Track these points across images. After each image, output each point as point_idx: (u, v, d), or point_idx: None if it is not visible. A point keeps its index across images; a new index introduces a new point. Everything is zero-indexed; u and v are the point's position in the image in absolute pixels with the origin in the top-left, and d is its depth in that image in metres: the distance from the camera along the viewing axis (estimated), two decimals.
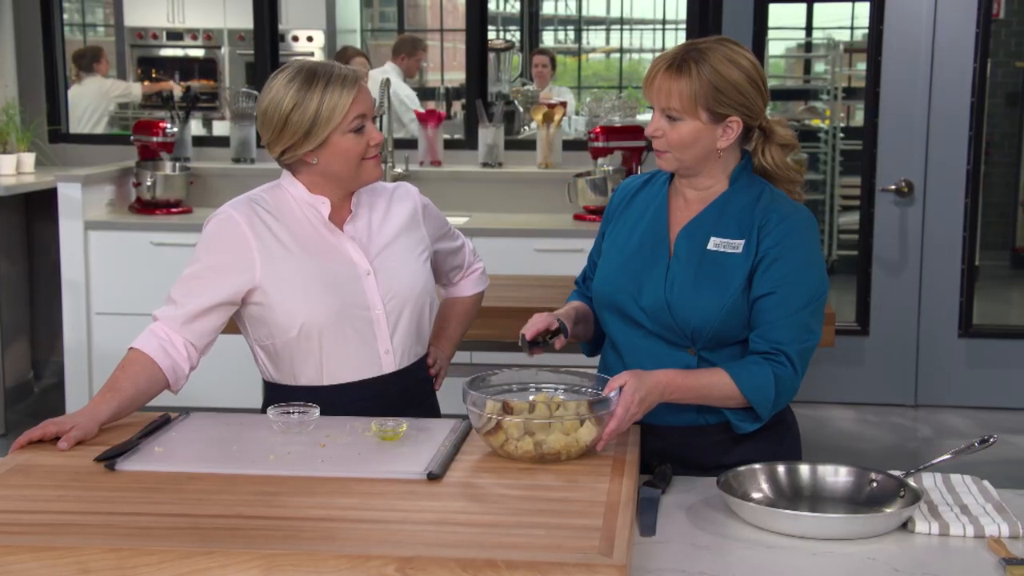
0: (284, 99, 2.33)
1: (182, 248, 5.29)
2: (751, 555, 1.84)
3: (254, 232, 2.38)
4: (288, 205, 2.43)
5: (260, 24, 5.99)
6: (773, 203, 2.26)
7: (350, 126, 2.33)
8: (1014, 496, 2.11)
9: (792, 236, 2.23)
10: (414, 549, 1.69)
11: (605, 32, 11.04)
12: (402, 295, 2.44)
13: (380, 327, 2.42)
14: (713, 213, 2.28)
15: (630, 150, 5.39)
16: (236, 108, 5.88)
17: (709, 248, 2.25)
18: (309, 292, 2.36)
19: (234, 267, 2.37)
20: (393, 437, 2.17)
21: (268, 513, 1.84)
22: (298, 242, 2.40)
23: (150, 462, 2.06)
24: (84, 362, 5.37)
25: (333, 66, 2.36)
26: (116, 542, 1.72)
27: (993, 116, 7.63)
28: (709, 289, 2.23)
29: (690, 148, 2.23)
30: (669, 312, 2.24)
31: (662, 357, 2.27)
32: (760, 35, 5.71)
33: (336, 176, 2.40)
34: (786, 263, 2.22)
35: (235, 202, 2.44)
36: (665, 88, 2.21)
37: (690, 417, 2.29)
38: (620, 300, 2.32)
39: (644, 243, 2.33)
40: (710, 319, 2.22)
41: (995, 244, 8.54)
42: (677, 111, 2.21)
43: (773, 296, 2.21)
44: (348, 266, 2.41)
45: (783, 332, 2.20)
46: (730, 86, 2.20)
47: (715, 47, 2.23)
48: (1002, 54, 8.41)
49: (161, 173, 5.57)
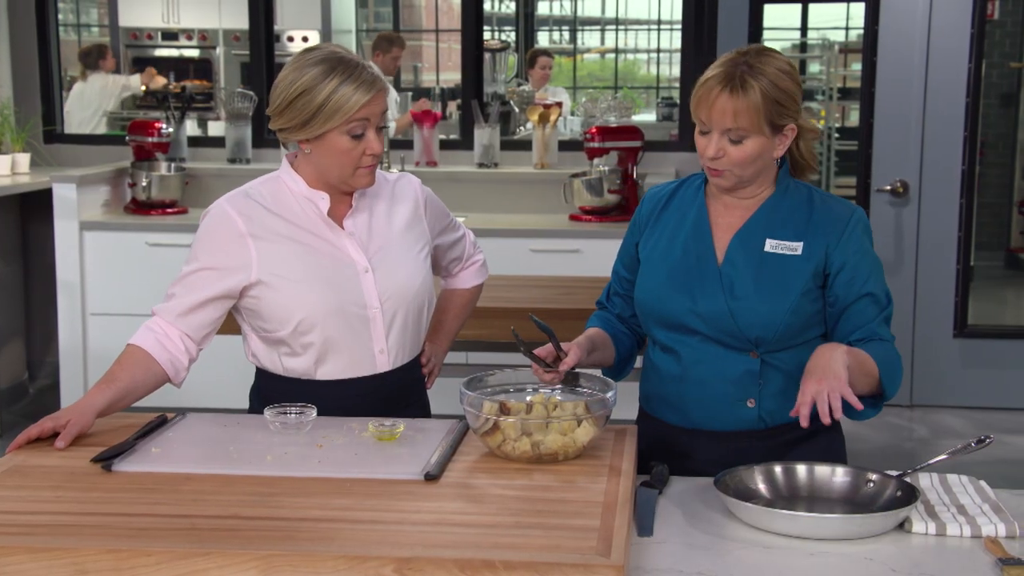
0: (298, 80, 2.28)
1: (178, 249, 5.28)
2: (748, 555, 1.84)
3: (249, 227, 2.36)
4: (286, 199, 2.40)
5: (256, 24, 5.99)
6: (828, 206, 2.29)
7: (349, 129, 2.29)
8: (1010, 496, 2.11)
9: (864, 236, 2.28)
10: (412, 550, 1.69)
11: (600, 32, 11.05)
12: (399, 294, 2.42)
13: (376, 326, 2.40)
14: (764, 216, 2.28)
15: (626, 150, 5.40)
16: (232, 108, 5.87)
17: (767, 251, 2.25)
18: (307, 288, 2.35)
19: (230, 263, 2.36)
20: (390, 438, 2.16)
21: (265, 514, 1.84)
22: (295, 237, 2.37)
23: (147, 463, 2.06)
24: (79, 363, 5.36)
25: (359, 65, 2.30)
26: (113, 543, 1.72)
27: (987, 117, 7.64)
28: (771, 292, 2.23)
29: (753, 164, 2.22)
30: (732, 319, 2.23)
31: (723, 361, 2.26)
32: (756, 35, 5.72)
33: (324, 173, 2.36)
34: (868, 264, 2.27)
35: (230, 196, 2.41)
36: (730, 109, 2.17)
37: (750, 419, 2.28)
38: (672, 310, 2.29)
39: (688, 251, 2.31)
40: (775, 322, 2.22)
41: (989, 245, 8.55)
42: (745, 130, 2.18)
43: (869, 297, 2.25)
44: (346, 263, 2.39)
45: (882, 329, 2.26)
46: (787, 96, 2.20)
47: (763, 59, 2.20)
48: (996, 55, 8.42)
49: (156, 174, 5.56)
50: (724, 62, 2.20)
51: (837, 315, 2.27)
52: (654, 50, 10.71)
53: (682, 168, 5.72)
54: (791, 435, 2.28)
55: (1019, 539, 1.90)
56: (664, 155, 5.74)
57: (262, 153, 5.97)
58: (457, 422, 2.28)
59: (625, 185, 5.37)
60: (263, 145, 5.99)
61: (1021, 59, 8.50)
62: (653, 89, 10.53)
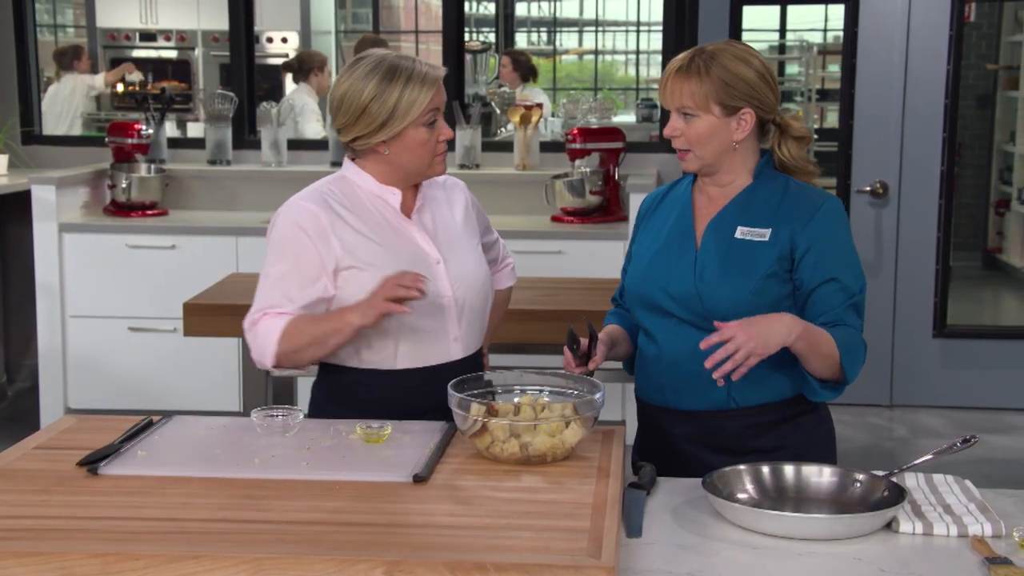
0: (364, 89, 2.38)
1: (158, 251, 5.27)
2: (737, 556, 1.85)
3: (331, 221, 2.41)
4: (357, 196, 2.47)
5: (236, 25, 5.96)
6: (803, 193, 2.37)
7: (424, 120, 2.40)
8: (995, 495, 2.13)
9: (834, 223, 2.34)
10: (401, 552, 1.69)
11: (578, 34, 11.05)
12: (468, 284, 2.50)
13: (450, 314, 2.47)
14: (738, 205, 2.38)
15: (608, 152, 5.40)
16: (212, 110, 5.84)
17: (736, 237, 2.35)
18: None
19: (318, 258, 2.39)
20: (378, 440, 2.16)
21: (254, 517, 1.84)
22: (371, 232, 2.44)
23: (134, 466, 2.05)
24: (58, 365, 5.33)
25: (414, 62, 2.42)
26: (101, 547, 1.71)
27: (964, 118, 7.69)
28: (735, 275, 2.31)
29: (708, 143, 2.33)
30: (699, 299, 2.32)
31: (694, 342, 2.29)
32: (736, 37, 5.72)
33: (404, 167, 2.45)
34: (836, 250, 2.33)
35: (304, 194, 2.47)
36: (678, 89, 2.32)
37: (720, 399, 2.35)
38: (650, 293, 2.40)
39: (671, 239, 2.42)
40: (737, 303, 2.29)
41: (967, 245, 8.60)
42: (691, 108, 2.32)
43: (834, 283, 2.31)
44: (420, 255, 2.46)
45: (849, 316, 2.32)
46: (739, 80, 2.31)
47: (723, 47, 2.35)
48: (972, 56, 8.48)
49: (136, 175, 5.53)
50: (690, 50, 2.37)
51: (804, 299, 2.34)
52: (633, 51, 10.73)
53: (664, 169, 5.72)
54: (765, 417, 2.36)
55: (1005, 538, 1.91)
56: (646, 156, 5.75)
57: (242, 154, 5.95)
58: (444, 423, 2.28)
59: (607, 186, 5.37)
60: (243, 146, 5.96)
61: (997, 61, 8.55)
62: (631, 90, 10.55)
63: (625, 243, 5.08)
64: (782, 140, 2.41)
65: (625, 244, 5.07)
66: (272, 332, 2.37)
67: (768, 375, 2.31)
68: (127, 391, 5.32)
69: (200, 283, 4.51)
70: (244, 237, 5.24)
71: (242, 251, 5.22)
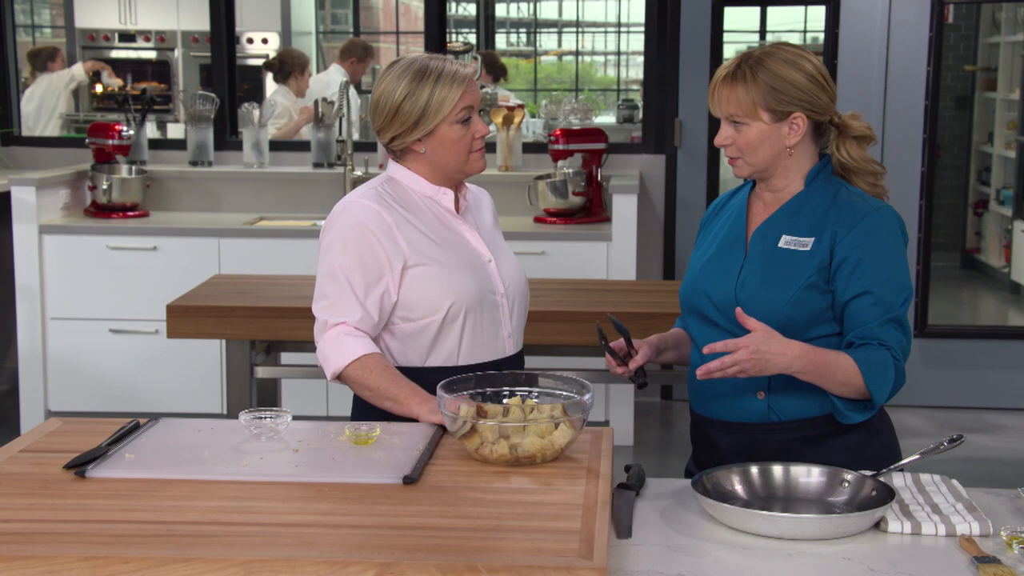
0: (396, 89, 2.44)
1: (139, 252, 5.24)
2: (728, 556, 1.85)
3: (395, 220, 2.45)
4: (410, 197, 2.51)
5: (217, 26, 5.94)
6: (851, 201, 2.30)
7: (457, 117, 2.44)
8: (982, 494, 2.14)
9: (873, 234, 2.25)
10: (393, 555, 1.68)
11: (557, 35, 11.06)
12: (515, 283, 2.58)
13: (504, 311, 2.54)
14: (787, 213, 2.33)
15: (590, 153, 5.41)
16: (193, 111, 5.82)
17: (779, 246, 2.31)
18: (455, 274, 2.46)
19: (384, 254, 2.42)
20: (367, 441, 2.16)
21: (244, 519, 1.83)
22: (430, 230, 2.48)
23: (121, 469, 2.04)
24: (39, 368, 5.29)
25: (445, 60, 2.47)
26: (90, 550, 1.70)
27: (942, 119, 7.73)
28: (774, 284, 2.28)
29: (758, 150, 2.30)
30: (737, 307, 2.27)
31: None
32: (717, 38, 5.74)
33: (442, 165, 2.49)
34: (875, 261, 2.24)
35: (363, 193, 2.49)
36: (725, 97, 2.29)
37: (759, 411, 2.32)
38: (696, 300, 2.39)
39: (723, 246, 2.39)
40: (774, 312, 2.25)
41: (946, 246, 8.65)
42: (739, 116, 2.28)
43: (868, 296, 2.23)
44: (474, 254, 2.53)
45: (884, 332, 2.23)
46: (787, 84, 2.27)
47: (771, 51, 2.30)
48: (951, 58, 8.53)
49: (117, 176, 5.51)
50: (737, 56, 2.32)
51: (839, 311, 2.28)
52: (613, 52, 10.74)
53: (646, 170, 5.73)
54: (806, 433, 2.31)
55: (993, 537, 1.92)
56: (628, 157, 5.76)
57: (224, 156, 5.93)
58: (432, 425, 2.27)
59: (590, 187, 5.38)
60: (225, 147, 5.95)
61: (975, 62, 8.60)
62: (611, 91, 10.56)
63: (608, 244, 5.10)
64: (840, 141, 2.33)
65: (608, 245, 5.11)
66: (348, 354, 2.39)
67: (812, 390, 2.25)
68: (108, 393, 5.30)
69: (182, 285, 4.51)
70: (226, 238, 5.22)
71: (224, 252, 5.20)
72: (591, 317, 3.70)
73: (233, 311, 3.70)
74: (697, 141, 5.76)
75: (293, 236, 5.23)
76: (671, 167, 5.76)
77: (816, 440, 2.31)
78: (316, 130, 5.78)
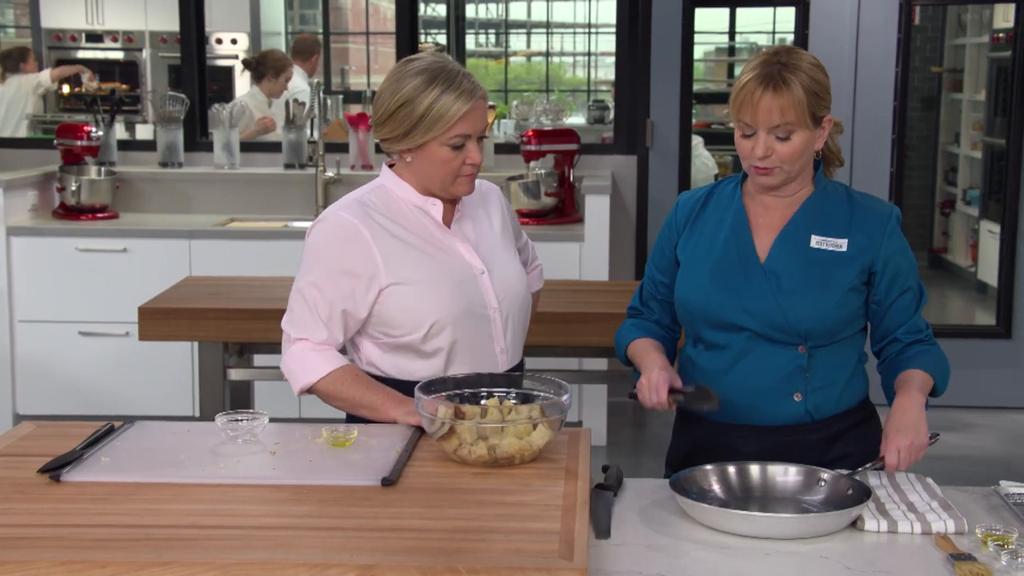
0: (400, 91, 2.32)
1: (108, 254, 5.20)
2: (706, 556, 1.86)
3: (373, 233, 2.36)
4: (398, 206, 2.42)
5: (187, 27, 5.91)
6: (867, 202, 2.35)
7: (450, 140, 2.32)
8: (956, 492, 2.16)
9: (896, 235, 2.33)
10: (373, 556, 1.68)
11: (527, 36, 11.07)
12: (512, 295, 2.46)
13: (496, 326, 2.44)
14: (806, 214, 2.32)
15: (562, 153, 5.41)
16: (162, 111, 5.79)
17: (813, 246, 2.30)
18: (436, 291, 2.36)
19: (358, 270, 2.35)
20: (344, 443, 2.15)
21: (222, 522, 1.82)
22: (415, 243, 2.39)
23: (97, 472, 2.02)
24: (7, 370, 5.25)
25: (459, 73, 2.33)
26: (66, 554, 1.69)
27: (910, 120, 7.78)
28: (819, 287, 2.28)
29: (800, 158, 2.26)
30: (782, 314, 2.26)
31: (771, 356, 2.29)
32: (688, 39, 5.76)
33: (426, 180, 2.39)
34: (905, 260, 2.34)
35: (343, 205, 2.41)
36: (776, 106, 2.20)
37: (797, 413, 2.31)
38: (718, 309, 2.31)
39: (729, 250, 2.33)
40: (824, 316, 2.26)
41: (913, 245, 8.61)
42: (792, 124, 2.21)
43: (909, 293, 2.34)
44: (464, 266, 2.42)
45: (920, 319, 2.37)
46: (823, 88, 2.26)
47: (795, 55, 2.25)
48: (918, 59, 8.58)
49: (86, 178, 5.47)
50: (758, 64, 2.24)
51: (883, 312, 2.34)
52: (584, 53, 10.76)
53: (618, 171, 5.74)
54: (836, 428, 2.34)
55: (968, 535, 1.94)
56: (600, 158, 5.76)
57: (194, 157, 5.90)
58: (409, 427, 2.27)
59: (562, 188, 5.39)
60: (195, 148, 5.91)
61: (941, 63, 8.67)
62: (580, 92, 10.58)
63: (580, 244, 5.10)
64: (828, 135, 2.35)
65: (580, 245, 5.11)
66: (316, 371, 2.35)
67: (844, 386, 2.33)
68: (78, 397, 5.26)
69: (153, 287, 4.47)
70: (197, 240, 5.19)
71: (195, 254, 5.18)
72: (563, 318, 3.71)
73: (206, 313, 3.68)
74: (668, 142, 5.78)
75: (265, 237, 5.21)
76: (643, 168, 5.77)
77: (839, 435, 2.34)
78: (287, 131, 5.76)
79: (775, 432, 2.32)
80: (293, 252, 4.94)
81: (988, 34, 7.51)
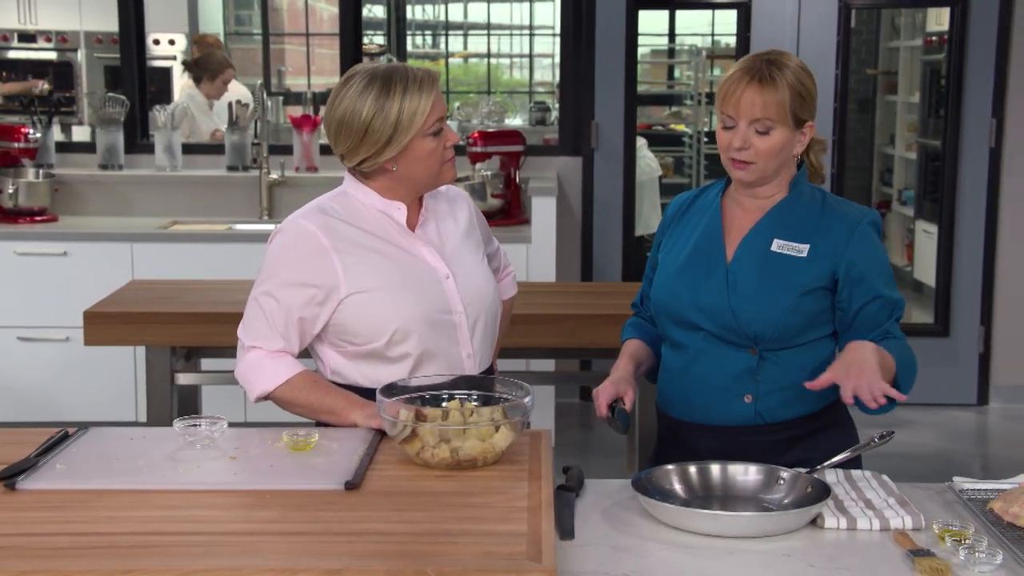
0: (363, 108, 2.29)
1: (48, 258, 5.12)
2: (671, 556, 1.87)
3: (332, 241, 2.33)
4: (360, 212, 2.39)
5: (126, 27, 5.83)
6: (840, 209, 2.33)
7: (431, 129, 2.31)
8: (911, 489, 2.19)
9: (872, 239, 2.31)
10: (340, 560, 1.67)
11: (463, 37, 11.07)
12: (479, 299, 2.44)
13: (462, 331, 2.41)
14: (774, 218, 2.33)
15: (508, 155, 5.42)
16: (102, 113, 5.71)
17: (772, 250, 2.30)
18: (398, 298, 2.33)
19: (316, 280, 2.32)
20: (305, 447, 2.14)
21: (185, 529, 1.80)
22: (377, 248, 2.36)
23: (53, 480, 1.99)
24: None
25: (407, 70, 2.32)
26: (27, 564, 1.66)
27: (848, 122, 7.89)
28: (772, 290, 2.28)
29: (777, 156, 2.28)
30: (732, 315, 2.28)
31: (723, 358, 2.31)
32: (632, 40, 5.79)
33: (414, 180, 2.37)
34: (877, 266, 2.31)
35: (304, 212, 2.38)
36: (759, 101, 2.24)
37: (747, 415, 2.32)
38: (677, 305, 2.35)
39: (698, 249, 2.36)
40: (773, 319, 2.27)
41: None
42: (772, 120, 2.24)
43: (878, 300, 2.29)
44: (427, 271, 2.39)
45: (895, 328, 2.31)
46: (807, 92, 2.28)
47: (783, 57, 2.29)
48: (855, 62, 8.69)
49: (24, 180, 5.38)
50: (746, 60, 2.29)
51: (849, 320, 2.32)
52: (526, 55, 10.78)
53: (564, 172, 5.76)
54: (793, 432, 2.34)
55: (925, 531, 1.97)
56: (546, 159, 5.78)
57: (135, 159, 5.82)
58: (371, 430, 2.26)
59: (508, 189, 5.39)
60: (136, 151, 5.84)
61: (876, 66, 8.79)
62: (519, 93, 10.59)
63: (528, 246, 5.11)
64: (809, 148, 2.37)
65: (528, 247, 5.11)
66: (274, 378, 2.33)
67: (800, 392, 2.27)
68: (19, 404, 5.17)
69: (94, 291, 4.40)
70: (139, 243, 5.13)
71: (138, 257, 5.11)
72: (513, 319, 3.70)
73: (154, 317, 3.64)
74: (613, 143, 5.81)
75: (208, 240, 5.15)
76: (588, 169, 5.80)
77: (797, 440, 2.34)
78: (231, 133, 5.71)
79: (730, 432, 2.34)
80: (237, 255, 4.91)
81: (921, 37, 7.63)
